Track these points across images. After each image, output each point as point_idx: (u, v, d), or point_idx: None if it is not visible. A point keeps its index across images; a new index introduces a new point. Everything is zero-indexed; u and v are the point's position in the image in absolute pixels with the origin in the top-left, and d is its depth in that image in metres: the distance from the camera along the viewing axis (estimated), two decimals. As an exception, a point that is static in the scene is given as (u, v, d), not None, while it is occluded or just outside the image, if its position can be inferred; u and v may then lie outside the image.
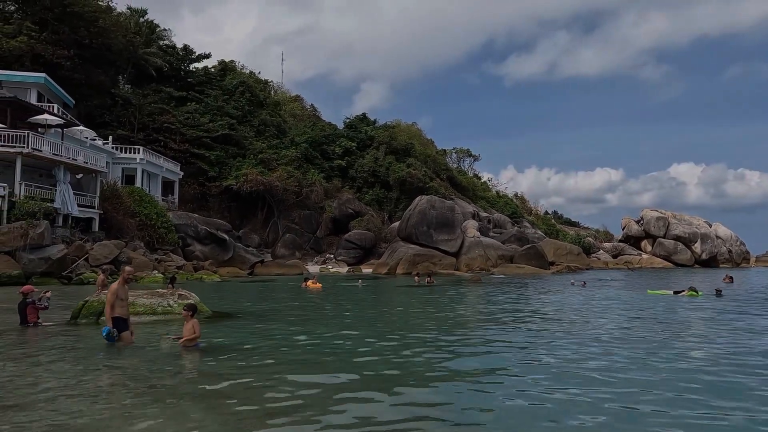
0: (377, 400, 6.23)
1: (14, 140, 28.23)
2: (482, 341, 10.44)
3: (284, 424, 5.35)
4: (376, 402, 6.15)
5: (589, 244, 68.62)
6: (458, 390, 6.78)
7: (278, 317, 14.16)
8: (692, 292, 21.35)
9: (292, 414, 5.65)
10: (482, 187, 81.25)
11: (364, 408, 5.90)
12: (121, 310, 9.24)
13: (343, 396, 6.35)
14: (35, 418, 5.41)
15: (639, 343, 10.31)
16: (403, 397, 6.37)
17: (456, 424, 5.45)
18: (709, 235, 69.18)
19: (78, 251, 27.89)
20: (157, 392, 6.45)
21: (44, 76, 36.07)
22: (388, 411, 5.81)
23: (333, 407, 5.90)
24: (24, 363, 8.07)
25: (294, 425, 5.31)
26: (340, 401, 6.13)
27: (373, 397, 6.35)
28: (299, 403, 6.04)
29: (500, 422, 5.49)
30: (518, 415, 5.75)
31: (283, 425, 5.31)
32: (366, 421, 5.45)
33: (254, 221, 53.02)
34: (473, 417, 5.71)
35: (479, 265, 42.77)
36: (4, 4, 44.58)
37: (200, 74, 59.20)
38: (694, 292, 21.27)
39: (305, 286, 25.49)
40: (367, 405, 6.03)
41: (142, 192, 38.01)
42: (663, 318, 14.42)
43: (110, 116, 47.43)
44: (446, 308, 16.94)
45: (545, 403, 6.13)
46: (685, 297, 20.96)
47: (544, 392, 6.55)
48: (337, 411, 5.77)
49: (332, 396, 6.35)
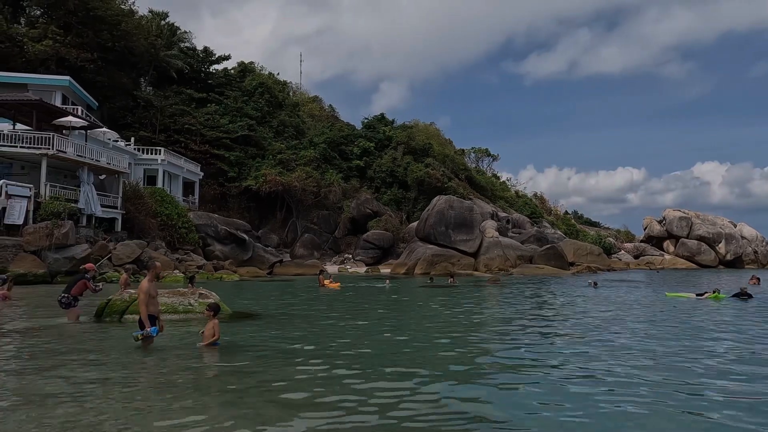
0: (407, 397, 6.22)
1: (40, 142, 28.81)
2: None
3: (307, 419, 5.37)
4: (402, 399, 6.14)
5: (610, 245, 67.81)
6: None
7: (305, 317, 14.22)
8: (716, 294, 20.20)
9: (314, 410, 5.67)
10: (501, 187, 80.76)
11: (384, 403, 5.90)
12: (152, 307, 9.29)
13: (365, 390, 6.35)
14: (60, 413, 5.51)
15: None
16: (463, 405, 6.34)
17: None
18: (734, 236, 67.85)
19: (101, 251, 28.36)
20: (181, 389, 6.53)
21: (68, 79, 36.77)
22: (422, 408, 5.79)
23: (353, 403, 5.91)
24: (51, 360, 8.23)
25: (315, 420, 5.33)
26: (362, 395, 6.13)
27: (403, 395, 6.34)
28: (322, 400, 6.06)
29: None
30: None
31: (306, 419, 5.33)
32: (388, 416, 5.45)
33: (273, 221, 53.39)
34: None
35: (498, 266, 42.49)
36: (30, 9, 45.55)
37: (220, 76, 59.84)
38: (717, 295, 20.11)
39: (322, 284, 25.22)
40: (390, 400, 6.02)
41: (163, 192, 38.51)
42: (682, 326, 12.84)
43: (132, 118, 48.17)
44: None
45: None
46: (707, 300, 19.87)
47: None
48: (356, 407, 5.78)
49: (358, 392, 6.36)
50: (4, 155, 29.13)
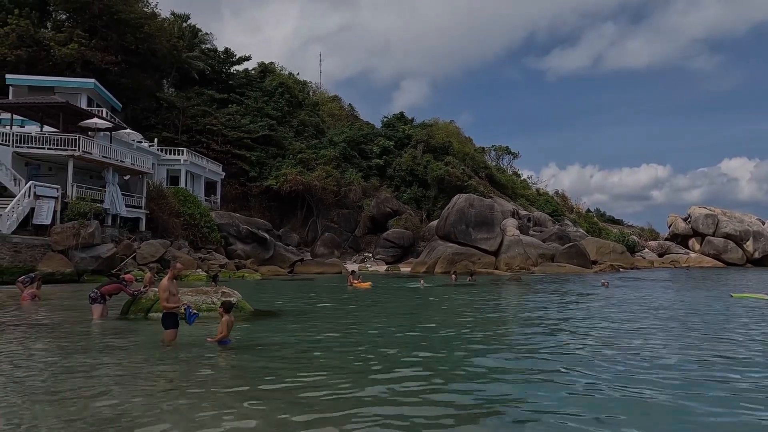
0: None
1: (66, 144, 29.41)
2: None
3: (321, 419, 5.41)
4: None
5: (633, 243, 66.74)
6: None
7: (332, 316, 14.30)
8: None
9: (330, 411, 5.71)
10: (522, 184, 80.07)
11: (402, 406, 5.91)
12: (172, 305, 9.47)
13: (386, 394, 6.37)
14: (81, 408, 5.63)
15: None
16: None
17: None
18: (762, 233, 66.24)
19: (126, 250, 28.87)
20: (202, 387, 6.62)
21: (94, 82, 37.49)
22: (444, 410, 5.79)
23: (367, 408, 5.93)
24: (78, 356, 8.41)
25: (329, 420, 5.37)
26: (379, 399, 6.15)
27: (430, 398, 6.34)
28: (341, 400, 6.09)
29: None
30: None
31: (321, 419, 5.37)
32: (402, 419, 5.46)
33: (294, 220, 53.74)
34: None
35: (519, 264, 42.16)
36: (56, 14, 46.54)
37: (241, 76, 60.46)
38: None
39: (351, 284, 24.85)
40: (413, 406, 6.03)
41: (186, 192, 39.01)
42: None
43: (155, 119, 48.92)
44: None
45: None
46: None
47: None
48: (370, 411, 5.80)
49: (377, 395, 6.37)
50: (33, 157, 29.83)
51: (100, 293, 12.65)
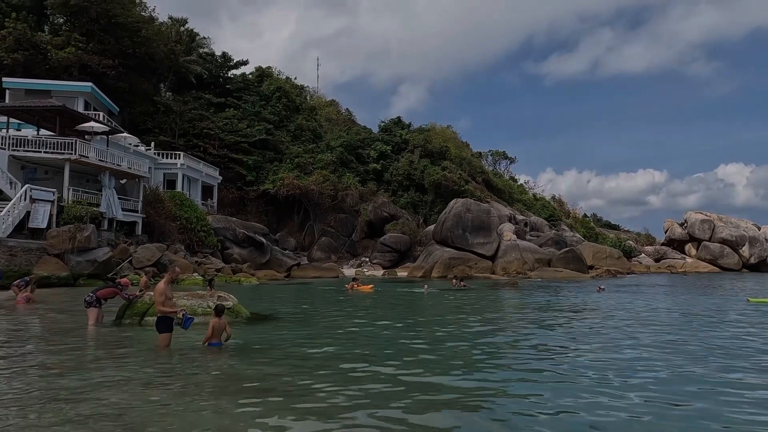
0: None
1: (63, 147, 29.37)
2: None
3: (317, 423, 5.39)
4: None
5: (629, 248, 66.83)
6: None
7: (335, 320, 14.26)
8: None
9: (332, 414, 5.69)
10: (519, 189, 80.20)
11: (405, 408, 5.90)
12: (168, 309, 9.41)
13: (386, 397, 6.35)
14: (84, 409, 5.60)
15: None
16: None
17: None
18: (758, 239, 66.42)
19: (122, 254, 28.79)
20: (196, 390, 6.59)
21: (91, 85, 37.46)
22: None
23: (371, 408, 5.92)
24: (72, 359, 8.37)
25: (329, 422, 5.35)
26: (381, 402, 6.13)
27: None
28: (343, 402, 6.08)
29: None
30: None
31: (317, 423, 5.35)
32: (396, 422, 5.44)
33: (291, 225, 53.69)
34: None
35: (516, 269, 42.19)
36: (53, 17, 46.54)
37: (238, 81, 60.51)
38: None
39: (352, 287, 24.68)
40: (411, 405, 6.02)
41: (182, 196, 38.96)
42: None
43: (152, 123, 48.90)
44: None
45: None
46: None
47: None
48: (373, 414, 5.78)
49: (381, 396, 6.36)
50: (29, 160, 29.76)
51: (96, 297, 12.61)
